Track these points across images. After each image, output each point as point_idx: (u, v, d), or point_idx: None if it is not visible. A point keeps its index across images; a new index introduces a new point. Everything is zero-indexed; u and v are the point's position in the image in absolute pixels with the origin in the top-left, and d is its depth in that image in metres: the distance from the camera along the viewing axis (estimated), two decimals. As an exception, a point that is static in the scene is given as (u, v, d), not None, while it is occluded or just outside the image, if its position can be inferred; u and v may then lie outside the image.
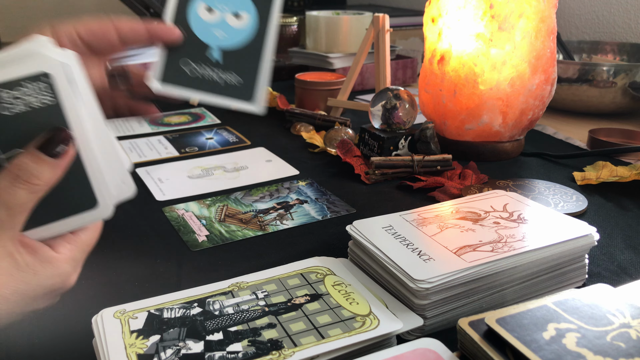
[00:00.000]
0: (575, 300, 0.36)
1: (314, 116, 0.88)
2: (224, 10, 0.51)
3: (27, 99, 0.36)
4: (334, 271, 0.44)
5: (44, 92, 0.36)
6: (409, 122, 0.75)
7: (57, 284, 0.37)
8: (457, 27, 0.72)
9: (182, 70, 0.52)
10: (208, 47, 0.51)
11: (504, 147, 0.76)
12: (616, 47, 1.11)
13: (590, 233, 0.45)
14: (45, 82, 0.36)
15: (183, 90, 0.52)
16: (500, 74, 0.71)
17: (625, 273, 0.48)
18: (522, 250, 0.42)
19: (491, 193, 0.53)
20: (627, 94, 0.93)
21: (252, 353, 0.34)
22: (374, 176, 0.69)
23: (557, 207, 0.59)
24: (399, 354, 0.35)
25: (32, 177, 0.35)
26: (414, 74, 1.26)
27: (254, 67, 0.52)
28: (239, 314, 0.38)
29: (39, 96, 0.36)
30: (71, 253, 0.38)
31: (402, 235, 0.45)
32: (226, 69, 0.52)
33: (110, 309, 0.39)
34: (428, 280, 0.38)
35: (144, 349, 0.35)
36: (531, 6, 0.69)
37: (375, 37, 0.91)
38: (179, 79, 0.52)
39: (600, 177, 0.68)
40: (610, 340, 0.32)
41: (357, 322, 0.37)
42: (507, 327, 0.33)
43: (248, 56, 0.52)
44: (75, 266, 0.38)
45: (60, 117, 0.37)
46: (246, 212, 0.61)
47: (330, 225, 0.58)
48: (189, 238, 0.55)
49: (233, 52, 0.52)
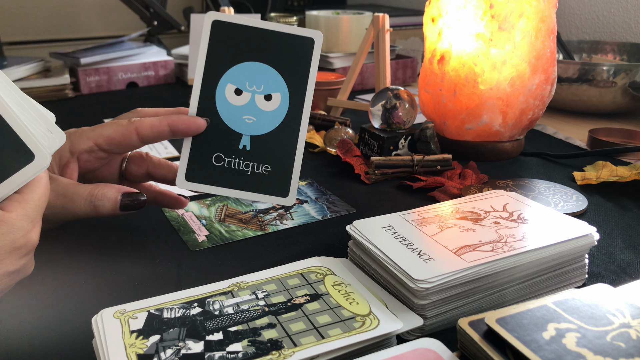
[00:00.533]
0: (575, 300, 0.36)
1: (314, 116, 0.88)
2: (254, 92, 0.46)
3: None
4: (334, 271, 0.44)
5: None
6: (409, 122, 0.75)
7: (17, 241, 0.37)
8: (457, 26, 0.72)
9: (210, 165, 0.47)
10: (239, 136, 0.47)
11: (504, 147, 0.76)
12: (616, 47, 1.11)
13: (590, 233, 0.45)
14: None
15: (209, 187, 0.48)
16: (500, 73, 0.71)
17: (625, 273, 0.48)
18: (522, 250, 0.42)
19: (491, 193, 0.53)
20: (627, 94, 0.92)
21: (252, 353, 0.34)
22: (374, 176, 0.69)
23: (557, 207, 0.59)
24: (399, 354, 0.35)
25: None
26: (414, 74, 1.26)
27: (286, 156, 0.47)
28: (239, 314, 0.38)
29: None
30: (23, 210, 0.38)
31: (402, 235, 0.45)
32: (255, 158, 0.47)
33: (110, 309, 0.39)
34: (428, 280, 0.38)
35: (143, 349, 0.35)
36: (531, 6, 0.69)
37: (375, 37, 0.91)
38: (206, 175, 0.47)
39: (600, 177, 0.68)
40: (610, 340, 0.32)
41: (357, 322, 0.37)
42: (507, 327, 0.33)
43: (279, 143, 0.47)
44: (31, 222, 0.39)
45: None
46: (246, 212, 0.61)
47: (330, 225, 0.58)
48: (189, 238, 0.55)
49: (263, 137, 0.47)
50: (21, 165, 0.39)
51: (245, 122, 0.46)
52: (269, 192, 0.47)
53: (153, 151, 0.80)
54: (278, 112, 0.46)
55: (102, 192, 0.47)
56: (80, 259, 0.50)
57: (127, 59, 1.22)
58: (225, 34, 0.47)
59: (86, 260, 0.50)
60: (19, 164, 0.39)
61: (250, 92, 0.46)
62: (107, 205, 0.47)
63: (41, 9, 1.85)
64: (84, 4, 1.92)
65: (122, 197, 0.48)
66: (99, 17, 1.95)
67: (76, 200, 0.47)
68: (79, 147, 0.50)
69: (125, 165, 0.54)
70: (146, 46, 1.27)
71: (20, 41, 1.79)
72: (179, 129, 0.48)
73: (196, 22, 1.05)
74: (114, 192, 0.48)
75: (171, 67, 1.27)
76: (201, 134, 0.48)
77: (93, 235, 0.54)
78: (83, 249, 0.52)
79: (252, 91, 0.46)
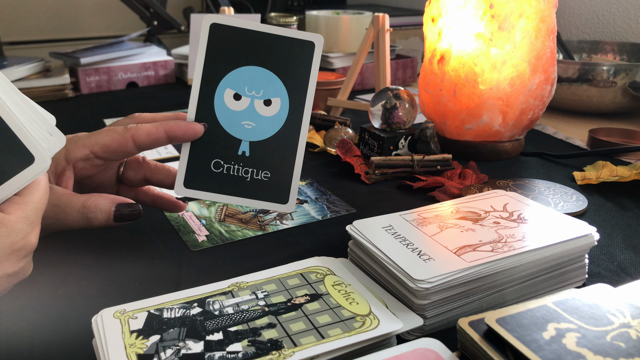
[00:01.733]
0: (575, 300, 0.36)
1: (314, 116, 0.88)
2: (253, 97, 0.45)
3: None
4: (334, 271, 0.44)
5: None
6: (409, 122, 0.75)
7: (17, 244, 0.37)
8: (457, 26, 0.72)
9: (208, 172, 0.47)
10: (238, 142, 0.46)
11: (504, 146, 0.76)
12: (616, 46, 1.11)
13: (590, 233, 0.45)
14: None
15: (208, 194, 0.47)
16: (500, 73, 0.71)
17: (625, 273, 0.48)
18: (522, 250, 0.42)
19: (491, 193, 0.53)
20: (627, 94, 0.92)
21: (252, 353, 0.34)
22: (374, 176, 0.69)
23: (557, 207, 0.59)
24: (399, 353, 0.35)
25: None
26: (414, 74, 1.26)
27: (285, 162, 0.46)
28: (239, 314, 0.38)
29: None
30: (23, 212, 0.38)
31: (402, 235, 0.45)
32: (254, 164, 0.46)
33: (110, 309, 0.39)
34: (428, 280, 0.38)
35: (143, 349, 0.35)
36: (531, 6, 0.69)
37: (375, 37, 0.91)
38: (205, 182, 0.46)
39: (600, 177, 0.68)
40: (610, 340, 0.32)
41: (357, 322, 0.37)
42: (507, 327, 0.33)
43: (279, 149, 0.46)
44: (31, 224, 0.39)
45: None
46: (246, 212, 0.61)
47: (330, 225, 0.58)
48: (189, 238, 0.55)
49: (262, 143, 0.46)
50: (21, 167, 0.39)
51: (245, 128, 0.46)
52: (269, 198, 0.46)
53: (153, 151, 0.80)
54: (278, 118, 0.46)
55: (95, 204, 0.46)
56: (80, 259, 0.50)
57: (127, 59, 1.22)
58: (223, 38, 0.46)
59: (86, 260, 0.50)
60: (19, 166, 0.39)
61: (249, 97, 0.45)
62: (100, 217, 0.46)
63: (41, 9, 1.85)
64: (84, 4, 1.92)
65: (116, 208, 0.47)
66: (99, 17, 1.95)
67: (69, 212, 0.46)
68: (75, 155, 0.49)
69: (122, 170, 0.54)
70: (146, 46, 1.27)
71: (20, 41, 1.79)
72: (176, 135, 0.48)
73: (196, 22, 1.05)
74: (108, 203, 0.47)
75: (171, 67, 1.27)
76: (199, 139, 0.47)
77: (93, 235, 0.54)
78: (83, 249, 0.52)
79: (251, 96, 0.45)
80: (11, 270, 0.38)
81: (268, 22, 1.51)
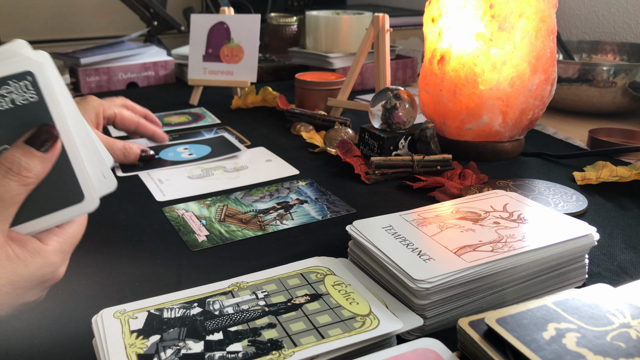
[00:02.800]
0: (575, 300, 0.36)
1: (314, 116, 0.88)
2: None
3: (12, 97, 0.37)
4: (334, 271, 0.44)
5: (28, 90, 0.37)
6: (409, 122, 0.75)
7: (47, 275, 0.38)
8: (457, 27, 0.72)
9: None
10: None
11: (504, 147, 0.76)
12: (616, 47, 1.11)
13: (590, 233, 0.45)
14: (28, 81, 0.37)
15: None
16: (500, 73, 0.71)
17: (625, 273, 0.48)
18: (522, 250, 0.42)
19: (491, 193, 0.53)
20: (627, 94, 0.92)
21: (252, 353, 0.34)
22: (374, 176, 0.69)
23: (557, 207, 0.59)
24: (399, 353, 0.35)
25: (23, 170, 0.36)
26: (414, 74, 1.26)
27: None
28: (239, 314, 0.38)
29: (24, 94, 0.37)
30: (59, 245, 0.39)
31: (402, 235, 0.45)
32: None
33: (110, 309, 0.39)
34: (428, 280, 0.38)
35: (144, 349, 0.35)
36: (531, 6, 0.69)
37: (375, 37, 0.91)
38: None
39: (600, 177, 0.68)
40: (610, 340, 0.32)
41: (357, 322, 0.37)
42: (507, 327, 0.33)
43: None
44: (63, 258, 0.39)
45: (44, 113, 0.38)
46: (246, 212, 0.61)
47: (330, 225, 0.58)
48: (189, 238, 0.55)
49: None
50: (69, 203, 0.39)
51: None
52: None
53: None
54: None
55: (130, 147, 0.71)
56: (80, 258, 0.50)
57: (127, 59, 1.22)
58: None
59: (86, 260, 0.50)
60: (68, 201, 0.39)
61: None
62: (132, 156, 0.71)
63: (41, 9, 1.85)
64: (84, 4, 1.92)
65: (141, 151, 0.72)
66: (99, 17, 1.95)
67: (115, 150, 0.70)
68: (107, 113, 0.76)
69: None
70: (146, 46, 1.27)
71: (20, 41, 1.78)
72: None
73: (196, 22, 1.05)
74: (136, 148, 0.72)
75: (171, 67, 1.27)
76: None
77: (93, 235, 0.54)
78: (83, 249, 0.52)
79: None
80: (32, 299, 0.38)
81: (268, 22, 1.51)
